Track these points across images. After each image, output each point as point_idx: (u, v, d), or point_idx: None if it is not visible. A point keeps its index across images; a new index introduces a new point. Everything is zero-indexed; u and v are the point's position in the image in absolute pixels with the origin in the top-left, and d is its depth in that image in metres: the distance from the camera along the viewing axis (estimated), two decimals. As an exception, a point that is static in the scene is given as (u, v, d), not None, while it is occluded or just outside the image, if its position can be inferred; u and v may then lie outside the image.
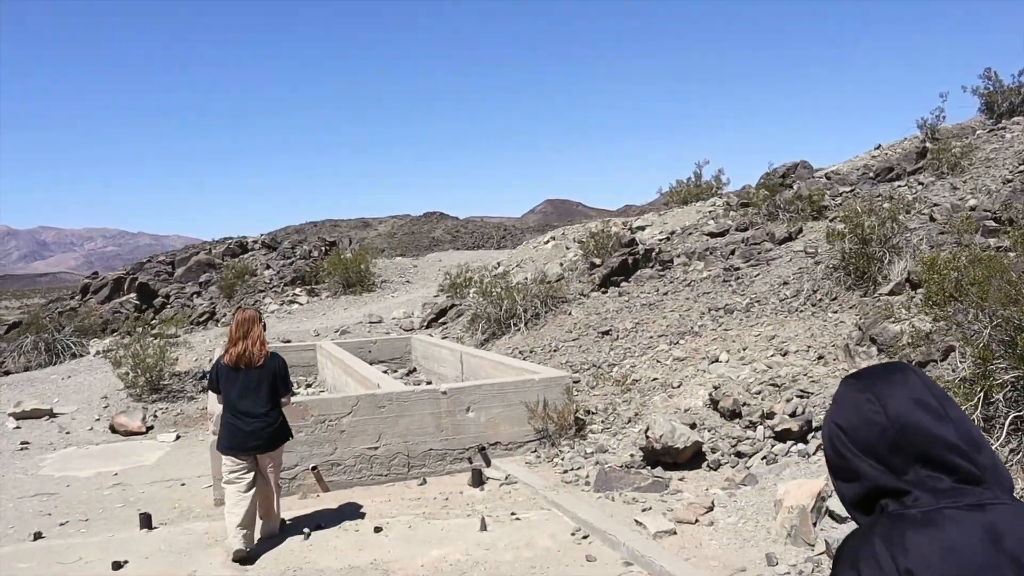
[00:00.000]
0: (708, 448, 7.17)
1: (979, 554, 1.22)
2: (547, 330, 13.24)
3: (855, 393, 1.40)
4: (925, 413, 1.32)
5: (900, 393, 1.35)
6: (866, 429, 1.35)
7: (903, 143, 21.89)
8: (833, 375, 7.74)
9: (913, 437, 1.30)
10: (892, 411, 1.33)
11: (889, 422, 1.32)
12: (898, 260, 9.53)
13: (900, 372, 1.39)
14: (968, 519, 1.25)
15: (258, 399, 5.82)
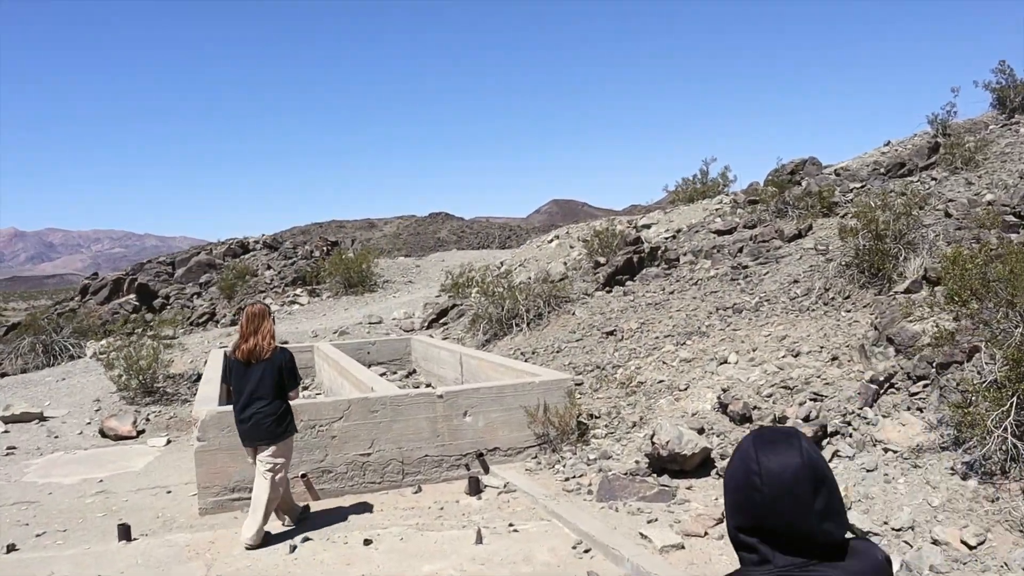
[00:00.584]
0: (717, 454, 6.81)
1: None
2: (550, 330, 12.89)
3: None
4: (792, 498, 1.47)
5: (773, 465, 1.50)
6: (742, 489, 1.53)
7: (913, 139, 21.46)
8: (848, 377, 7.38)
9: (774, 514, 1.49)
10: (762, 478, 1.49)
11: (758, 490, 1.50)
12: (914, 257, 9.15)
13: (787, 446, 1.53)
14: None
15: (264, 391, 5.95)
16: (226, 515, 6.82)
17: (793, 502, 1.47)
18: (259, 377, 5.96)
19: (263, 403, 5.95)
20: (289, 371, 6.08)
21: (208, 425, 6.87)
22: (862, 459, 5.93)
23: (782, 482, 1.48)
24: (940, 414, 5.88)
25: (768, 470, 1.49)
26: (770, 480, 1.48)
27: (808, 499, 1.47)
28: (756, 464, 1.51)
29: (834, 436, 6.48)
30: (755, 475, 1.50)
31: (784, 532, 1.49)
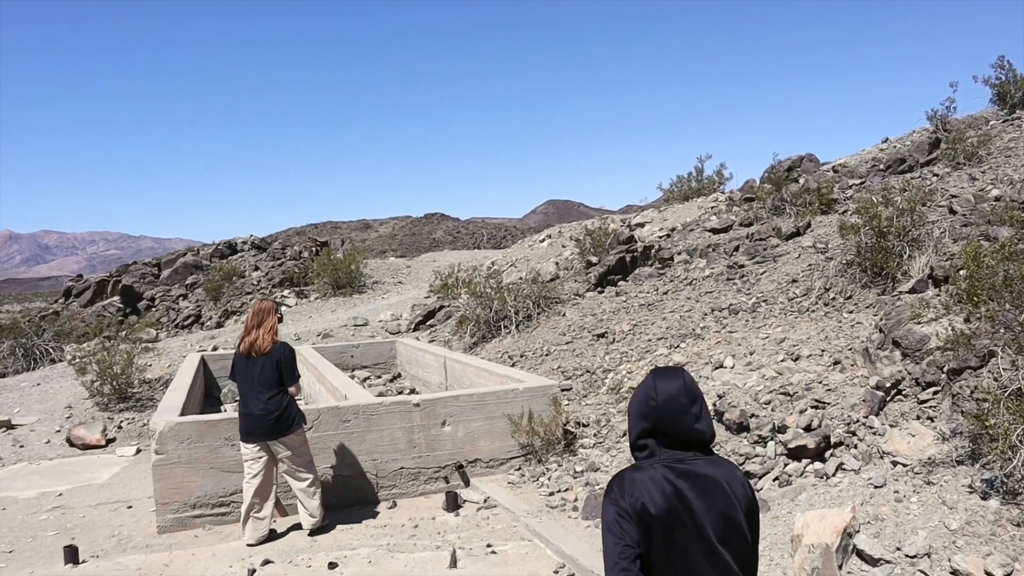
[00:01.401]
0: (712, 466, 6.36)
1: (671, 485, 2.16)
2: (539, 333, 12.42)
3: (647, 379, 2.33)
4: (671, 405, 2.22)
5: (665, 386, 2.25)
6: (642, 402, 2.27)
7: (912, 135, 21.06)
8: (851, 382, 6.92)
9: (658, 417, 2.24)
10: (658, 396, 2.24)
11: (655, 403, 2.24)
12: (919, 255, 8.70)
13: (674, 375, 2.29)
14: (673, 468, 2.19)
15: (263, 385, 5.96)
16: (186, 533, 6.35)
17: (676, 408, 2.19)
18: (259, 371, 6.00)
19: (265, 397, 5.95)
20: (288, 365, 6.09)
21: (167, 437, 6.40)
22: (869, 473, 5.47)
23: (669, 396, 2.20)
24: (953, 424, 5.43)
25: (661, 389, 2.23)
26: (662, 395, 2.21)
27: (686, 407, 2.19)
28: (653, 387, 2.25)
29: (838, 447, 6.02)
30: (652, 392, 2.23)
31: (669, 430, 2.20)
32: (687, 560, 2.15)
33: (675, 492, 2.15)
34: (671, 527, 2.13)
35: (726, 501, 2.19)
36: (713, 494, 2.18)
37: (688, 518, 2.14)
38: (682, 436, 2.20)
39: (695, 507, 2.15)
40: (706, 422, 2.23)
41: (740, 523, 2.21)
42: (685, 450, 2.21)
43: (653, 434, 2.22)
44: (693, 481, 2.17)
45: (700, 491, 2.17)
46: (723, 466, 2.25)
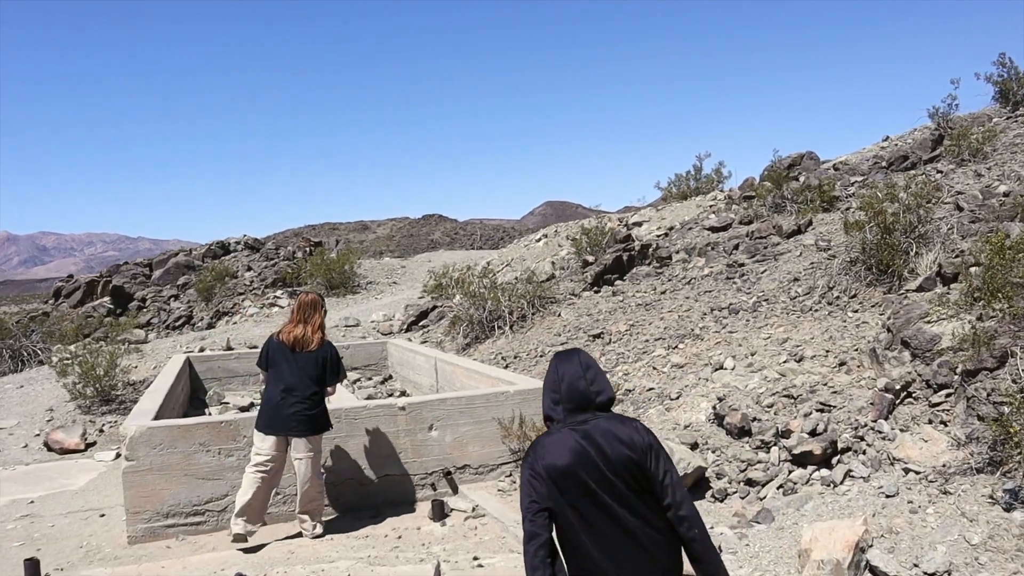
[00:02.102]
0: (712, 473, 6.03)
1: (575, 443, 2.56)
2: (534, 333, 12.10)
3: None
4: (571, 377, 2.67)
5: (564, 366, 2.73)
6: (549, 380, 2.75)
7: (913, 133, 20.77)
8: (858, 384, 6.60)
9: (561, 390, 2.68)
10: (560, 373, 2.70)
11: (557, 379, 2.71)
12: (926, 252, 8.39)
13: (571, 355, 2.79)
14: (576, 429, 2.60)
15: (305, 380, 5.81)
16: (157, 544, 6.01)
17: (574, 377, 2.65)
18: (303, 367, 5.84)
19: (303, 394, 5.79)
20: (334, 365, 5.99)
21: (138, 442, 6.07)
22: (880, 481, 5.15)
23: (568, 370, 2.68)
24: (969, 428, 5.11)
25: (562, 368, 2.70)
26: (563, 372, 2.68)
27: (582, 375, 2.65)
28: (556, 369, 2.72)
29: (845, 453, 5.70)
30: (556, 372, 2.70)
31: (570, 397, 2.64)
32: (597, 503, 2.53)
33: (579, 448, 2.55)
34: (579, 477, 2.52)
35: (625, 450, 2.54)
36: (612, 445, 2.55)
37: (592, 468, 2.53)
38: (581, 400, 2.63)
39: (597, 458, 2.53)
40: (599, 385, 2.66)
41: (644, 465, 2.55)
42: (585, 412, 2.62)
43: (559, 403, 2.67)
44: (593, 437, 2.56)
45: (600, 444, 2.55)
46: (621, 422, 2.63)
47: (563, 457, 2.54)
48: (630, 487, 2.54)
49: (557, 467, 2.53)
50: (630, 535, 2.53)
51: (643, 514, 2.54)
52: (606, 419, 2.62)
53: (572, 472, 2.52)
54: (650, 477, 2.55)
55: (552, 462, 2.54)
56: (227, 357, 12.42)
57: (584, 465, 2.53)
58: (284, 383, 5.81)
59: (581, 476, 2.52)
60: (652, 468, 2.55)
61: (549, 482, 2.53)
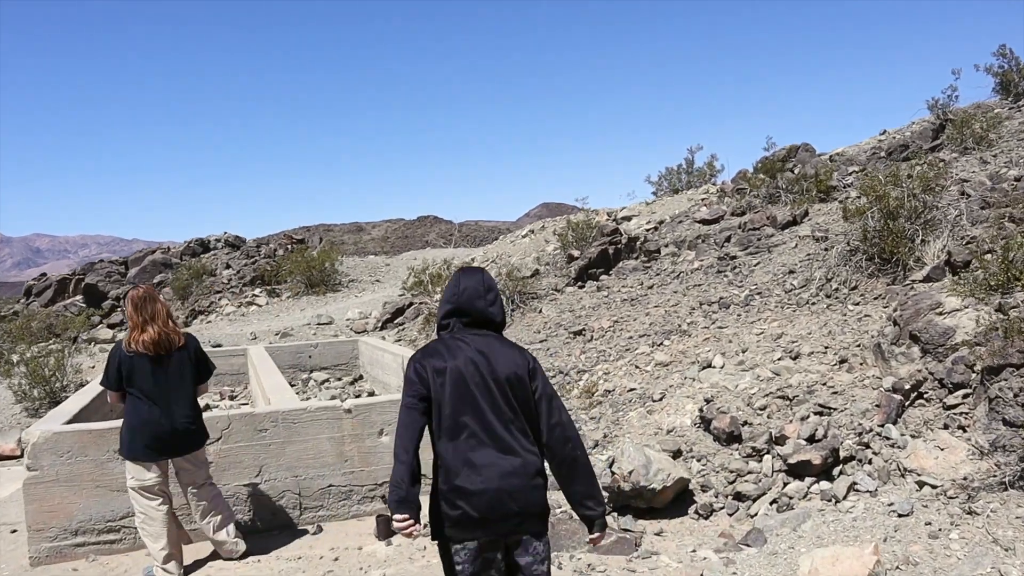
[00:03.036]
0: (697, 484, 5.29)
1: (465, 350, 2.63)
2: (513, 331, 11.35)
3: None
4: (471, 291, 2.74)
5: (467, 280, 2.79)
6: (449, 291, 2.79)
7: (912, 126, 20.11)
8: (861, 383, 5.87)
9: (459, 300, 2.75)
10: (461, 287, 2.76)
11: (458, 291, 2.76)
12: (934, 239, 7.67)
13: (475, 271, 2.84)
14: (467, 340, 2.66)
15: (185, 386, 4.86)
16: (63, 566, 5.25)
17: (474, 294, 2.73)
18: (178, 371, 4.83)
19: (188, 403, 4.87)
20: (203, 358, 5.06)
21: (42, 450, 5.30)
22: (890, 496, 4.42)
23: (469, 284, 2.76)
24: (993, 435, 4.39)
25: (463, 281, 2.77)
26: (463, 285, 2.76)
27: (482, 294, 2.74)
28: (458, 281, 2.79)
29: (848, 462, 4.97)
30: (457, 284, 2.77)
31: (468, 311, 2.72)
32: (475, 411, 2.59)
33: (468, 355, 2.62)
34: (462, 382, 2.59)
35: (508, 364, 2.65)
36: (497, 357, 2.65)
37: (477, 377, 2.60)
38: (478, 316, 2.71)
39: (483, 368, 2.61)
40: (497, 308, 2.75)
41: (523, 380, 2.65)
42: (479, 328, 2.72)
43: (455, 314, 2.73)
44: (482, 349, 2.65)
45: (488, 356, 2.64)
46: (510, 344, 2.74)
47: (451, 360, 2.62)
48: (510, 403, 2.63)
49: (443, 369, 2.61)
50: (500, 447, 2.58)
51: (518, 431, 2.62)
52: (497, 338, 2.74)
53: (458, 375, 2.61)
54: (525, 390, 2.65)
55: (440, 364, 2.62)
56: (186, 356, 11.65)
57: (469, 371, 2.61)
58: (159, 397, 4.76)
59: (465, 381, 2.61)
60: (534, 386, 2.67)
61: (433, 382, 2.61)
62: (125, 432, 4.74)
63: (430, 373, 2.59)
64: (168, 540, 4.79)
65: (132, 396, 4.74)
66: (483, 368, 2.60)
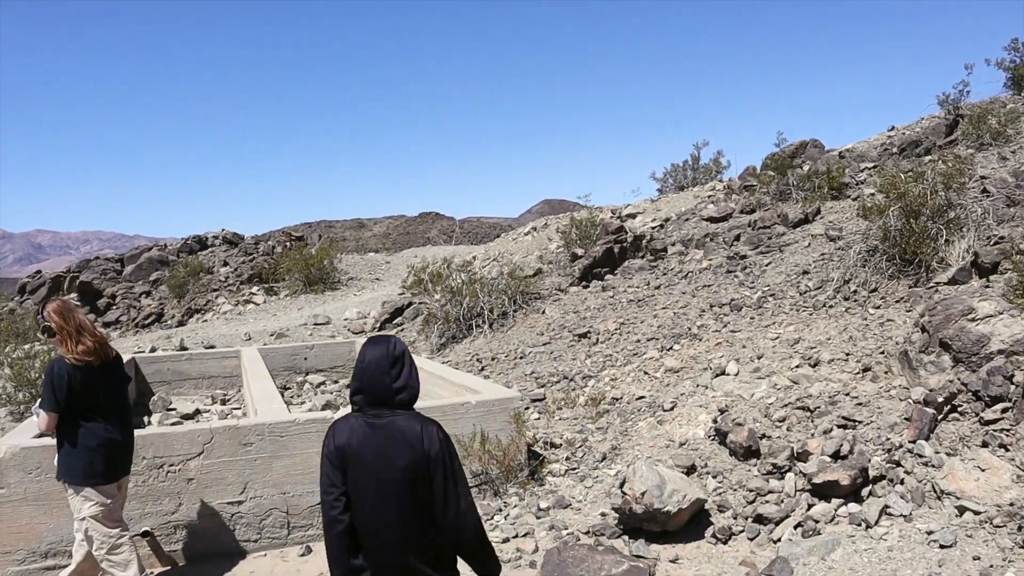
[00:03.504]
0: (713, 504, 4.92)
1: (366, 434, 2.54)
2: (515, 332, 10.98)
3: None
4: (375, 367, 2.61)
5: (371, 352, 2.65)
6: (356, 365, 2.66)
7: (921, 122, 19.70)
8: (887, 394, 5.49)
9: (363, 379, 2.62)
10: (365, 360, 2.63)
11: (362, 366, 2.63)
12: (958, 239, 7.29)
13: (382, 341, 2.68)
14: (371, 422, 2.56)
15: (125, 401, 4.59)
16: (33, 592, 4.90)
17: (377, 370, 2.59)
18: (118, 383, 4.54)
19: (129, 416, 4.61)
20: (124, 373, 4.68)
21: (8, 466, 4.95)
22: (927, 521, 4.05)
23: (372, 359, 2.61)
24: (1041, 456, 4.01)
25: (368, 353, 2.63)
26: (367, 359, 2.62)
27: (387, 370, 2.59)
28: (363, 353, 2.64)
29: (879, 482, 4.59)
30: (362, 356, 2.64)
31: (371, 389, 2.59)
32: (369, 494, 2.52)
33: (364, 438, 2.55)
34: (358, 465, 2.54)
35: (410, 449, 2.53)
36: (401, 446, 2.53)
37: (372, 459, 2.53)
38: (381, 394, 2.59)
39: (384, 455, 2.53)
40: (403, 382, 2.61)
41: (423, 467, 2.53)
42: (383, 407, 2.59)
43: (361, 392, 2.62)
44: (381, 431, 2.55)
45: (390, 442, 2.54)
46: (419, 422, 2.59)
47: (350, 442, 2.57)
48: (410, 490, 2.54)
49: (345, 453, 2.57)
50: (401, 536, 2.54)
51: (419, 518, 2.55)
52: (404, 418, 2.60)
53: (354, 457, 2.56)
54: (427, 479, 2.54)
55: (338, 445, 2.58)
56: (178, 358, 11.27)
57: (370, 458, 2.55)
58: (110, 412, 4.38)
59: (359, 462, 2.55)
60: (436, 478, 2.54)
61: (340, 465, 2.57)
62: (78, 456, 4.25)
63: (335, 459, 2.56)
64: (139, 566, 4.42)
65: (80, 414, 4.27)
66: (385, 456, 2.53)
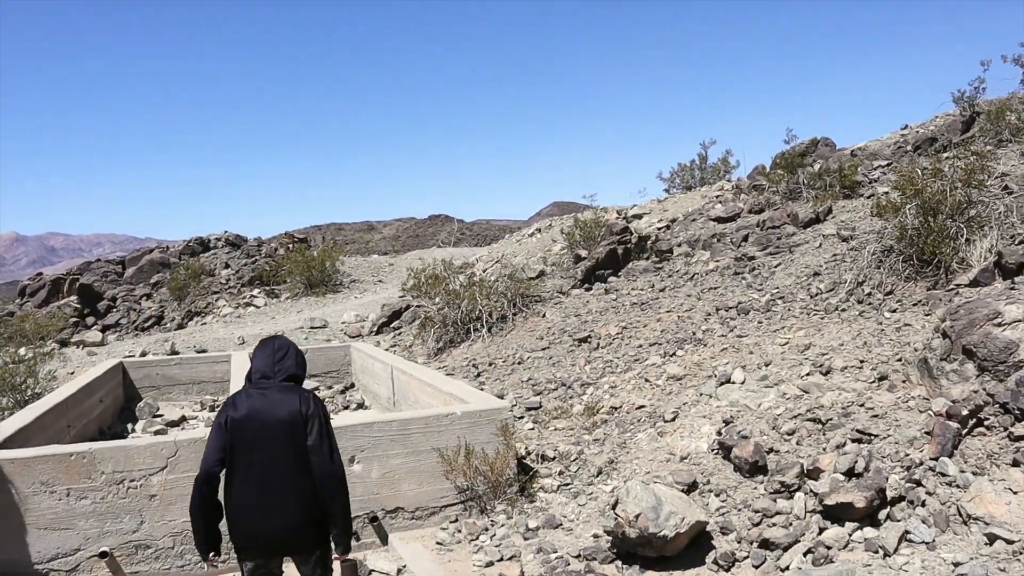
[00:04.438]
0: (716, 526, 4.51)
1: (252, 399, 3.20)
2: (514, 336, 10.60)
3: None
4: (264, 354, 3.36)
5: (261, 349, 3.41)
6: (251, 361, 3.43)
7: (935, 120, 19.20)
8: (905, 405, 5.08)
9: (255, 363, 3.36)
10: (255, 361, 3.38)
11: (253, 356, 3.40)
12: (979, 238, 6.85)
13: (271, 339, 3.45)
14: (256, 391, 3.24)
15: None
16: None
17: (263, 365, 3.30)
18: None
19: None
20: None
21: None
22: (952, 551, 3.63)
23: (261, 357, 3.33)
24: (1081, 478, 3.58)
25: (258, 352, 3.36)
26: (258, 351, 3.36)
27: (271, 364, 3.30)
28: (253, 355, 3.36)
29: (897, 504, 4.18)
30: (252, 358, 3.38)
31: (258, 372, 3.31)
32: (258, 444, 3.14)
33: (254, 404, 3.18)
34: (250, 422, 3.15)
35: (288, 407, 3.17)
36: (279, 404, 3.18)
37: (259, 423, 3.15)
38: (267, 373, 3.29)
39: (265, 410, 3.16)
40: (283, 366, 3.31)
41: (300, 422, 3.17)
42: (268, 380, 3.28)
43: (250, 377, 3.34)
44: (267, 398, 3.19)
45: (270, 404, 3.18)
46: (294, 391, 3.26)
47: (241, 410, 3.17)
48: (290, 439, 3.15)
49: (235, 418, 3.16)
50: (278, 486, 3.13)
51: (294, 471, 3.15)
52: (282, 389, 3.24)
53: (246, 423, 3.14)
54: (301, 436, 3.16)
55: (229, 415, 3.17)
56: (167, 363, 10.94)
57: (254, 419, 3.15)
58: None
59: (251, 428, 3.14)
60: (312, 432, 3.18)
61: (228, 431, 3.15)
62: None
63: (226, 427, 3.15)
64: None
65: None
66: (266, 415, 3.15)
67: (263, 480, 3.11)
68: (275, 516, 3.11)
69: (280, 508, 3.10)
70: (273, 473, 3.11)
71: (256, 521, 3.12)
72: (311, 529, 3.18)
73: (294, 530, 3.15)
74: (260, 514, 3.11)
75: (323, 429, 3.17)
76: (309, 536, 3.20)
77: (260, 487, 3.11)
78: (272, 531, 3.13)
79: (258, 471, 3.11)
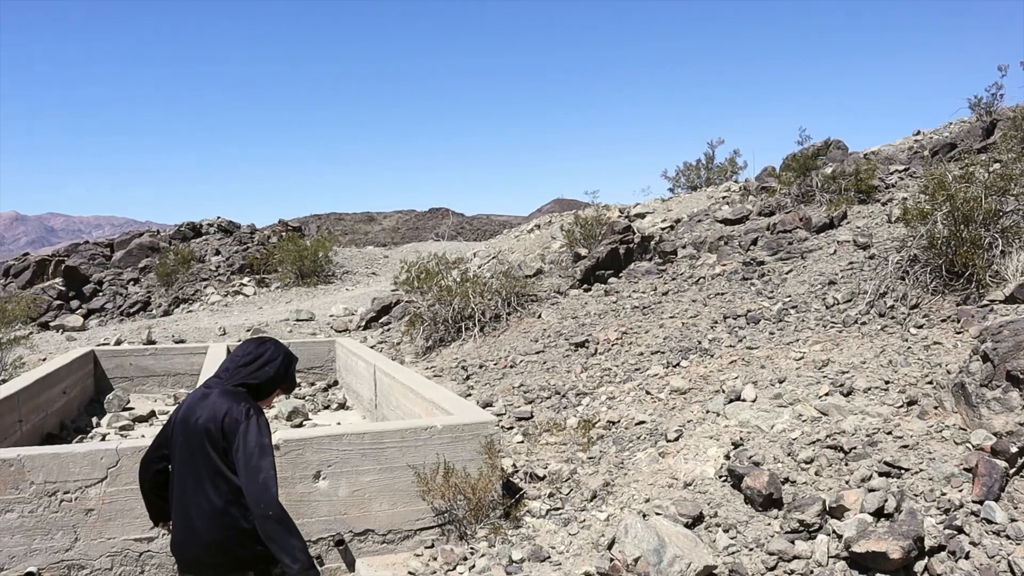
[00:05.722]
0: (724, 569, 3.95)
1: (192, 400, 2.98)
2: (507, 337, 10.05)
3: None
4: (235, 353, 3.10)
5: (240, 346, 3.18)
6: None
7: (950, 126, 18.67)
8: (939, 435, 4.53)
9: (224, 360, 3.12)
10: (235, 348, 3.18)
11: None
12: (1015, 249, 6.30)
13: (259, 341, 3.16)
14: (201, 392, 2.99)
15: None
16: None
17: (229, 360, 3.07)
18: None
19: None
20: None
21: None
22: (1008, 620, 3.08)
23: (237, 349, 3.09)
24: None
25: (240, 345, 3.13)
26: (236, 348, 3.11)
27: (235, 363, 3.04)
28: (237, 348, 3.14)
29: (936, 554, 3.62)
30: (237, 346, 3.17)
31: (218, 372, 3.05)
32: (177, 456, 2.95)
33: (187, 405, 2.99)
34: (176, 430, 2.97)
35: (213, 421, 2.85)
36: (206, 412, 2.89)
37: (183, 424, 2.94)
38: (223, 374, 3.04)
39: (193, 412, 2.94)
40: (244, 371, 3.02)
41: (219, 430, 2.83)
42: (217, 379, 3.05)
43: (221, 373, 3.08)
44: (201, 401, 2.94)
45: (201, 408, 2.92)
46: (233, 397, 2.92)
47: (181, 410, 3.01)
48: (210, 456, 2.85)
49: (174, 418, 3.03)
50: (191, 500, 2.88)
51: (210, 486, 2.85)
52: (221, 393, 2.94)
53: (177, 425, 2.98)
54: (220, 445, 2.84)
55: (175, 413, 3.04)
56: (142, 353, 10.37)
57: (183, 422, 2.95)
58: None
59: (178, 431, 2.97)
60: (237, 447, 2.80)
61: (169, 430, 3.05)
62: None
63: (170, 422, 3.04)
64: None
65: None
66: (192, 420, 2.89)
67: (182, 490, 2.91)
68: (189, 531, 2.88)
69: (191, 524, 2.87)
70: (190, 484, 2.89)
71: (176, 532, 2.95)
72: (231, 550, 2.87)
73: (207, 550, 2.87)
74: (178, 526, 2.94)
75: (251, 449, 2.77)
76: (226, 558, 2.89)
77: (179, 497, 2.93)
78: (186, 546, 2.92)
79: (178, 479, 2.94)
